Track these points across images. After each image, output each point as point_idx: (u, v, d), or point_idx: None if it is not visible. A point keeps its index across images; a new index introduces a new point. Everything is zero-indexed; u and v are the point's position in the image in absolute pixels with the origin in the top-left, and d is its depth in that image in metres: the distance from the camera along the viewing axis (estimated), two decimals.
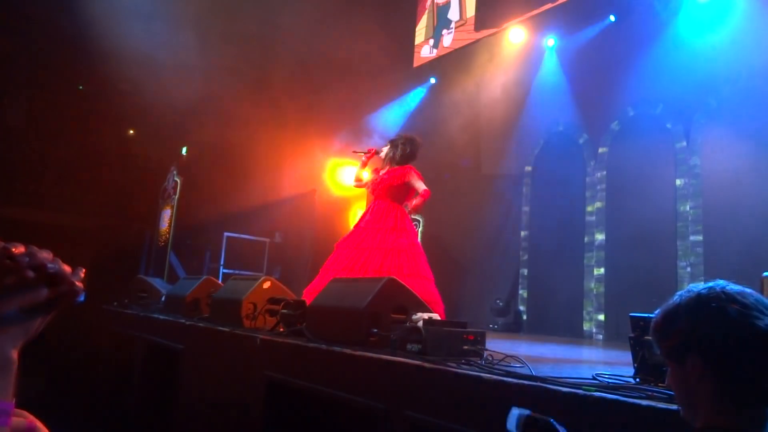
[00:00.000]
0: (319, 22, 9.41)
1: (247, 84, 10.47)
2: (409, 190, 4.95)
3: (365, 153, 5.20)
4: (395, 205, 4.93)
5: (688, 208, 6.35)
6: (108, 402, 5.38)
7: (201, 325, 4.11)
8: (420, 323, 2.66)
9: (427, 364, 2.26)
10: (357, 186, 5.31)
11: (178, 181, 8.90)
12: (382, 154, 5.13)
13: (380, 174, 5.05)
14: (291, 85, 11.60)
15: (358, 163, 5.29)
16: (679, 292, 1.20)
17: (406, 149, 5.02)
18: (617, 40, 7.15)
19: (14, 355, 0.69)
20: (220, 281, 5.30)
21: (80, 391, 6.02)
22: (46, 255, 0.72)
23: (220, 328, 3.80)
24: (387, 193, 4.93)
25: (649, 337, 1.97)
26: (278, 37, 10.28)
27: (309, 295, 4.53)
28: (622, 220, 7.00)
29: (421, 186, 4.85)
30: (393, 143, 5.12)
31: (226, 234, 9.95)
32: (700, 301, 1.13)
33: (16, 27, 12.80)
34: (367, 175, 5.29)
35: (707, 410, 1.10)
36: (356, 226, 4.99)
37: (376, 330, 2.83)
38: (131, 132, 17.03)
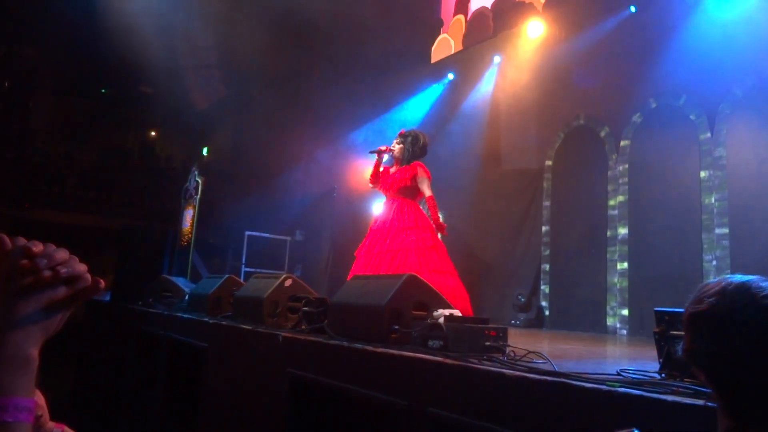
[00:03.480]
0: (339, 19, 9.42)
1: (266, 83, 10.54)
2: (418, 187, 5.02)
3: (378, 152, 5.19)
4: (409, 202, 4.99)
5: (713, 200, 6.24)
6: (134, 400, 5.46)
7: (224, 323, 4.15)
8: (441, 319, 2.66)
9: (449, 361, 2.26)
10: (374, 187, 5.31)
11: (200, 181, 8.99)
12: (396, 152, 5.15)
13: (390, 173, 5.09)
14: (311, 83, 11.65)
15: (372, 164, 5.27)
16: (713, 289, 1.12)
17: (413, 146, 5.07)
18: (638, 30, 7.05)
19: (35, 353, 0.70)
20: (242, 280, 5.34)
21: (107, 390, 6.13)
22: (62, 254, 0.73)
23: (243, 326, 3.83)
24: (399, 192, 4.99)
25: (675, 332, 1.95)
26: (296, 35, 10.31)
27: None
28: (645, 213, 6.91)
29: (426, 190, 4.95)
30: (403, 138, 5.15)
31: (247, 233, 10.03)
32: (713, 321, 1.08)
33: (41, 36, 13.06)
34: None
35: (721, 410, 1.08)
36: (374, 229, 5.00)
37: (397, 327, 2.83)
38: (153, 134, 17.29)
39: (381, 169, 5.26)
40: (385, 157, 5.27)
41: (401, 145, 5.14)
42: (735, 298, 1.06)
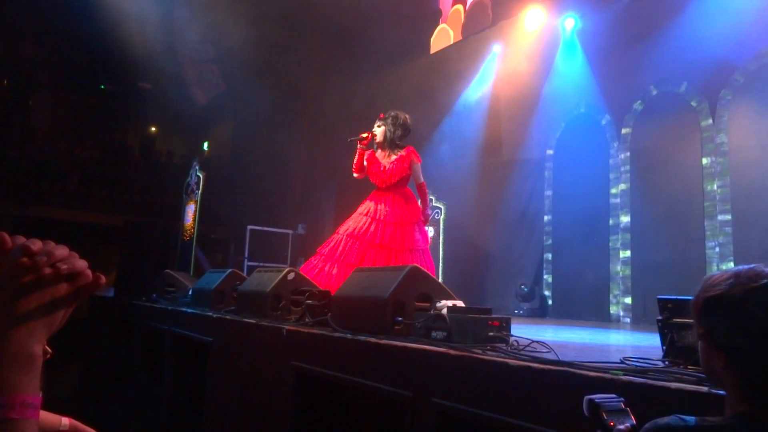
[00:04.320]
0: (338, 10, 9.37)
1: (265, 76, 10.51)
2: (412, 174, 4.97)
3: (360, 140, 5.01)
4: (404, 190, 4.94)
5: (715, 187, 6.23)
6: (140, 395, 5.49)
7: (228, 317, 4.16)
8: (444, 310, 2.66)
9: (452, 351, 2.26)
10: (359, 177, 5.09)
11: (201, 176, 8.98)
12: (378, 136, 5.00)
13: (386, 166, 4.93)
14: (310, 75, 11.62)
15: (356, 153, 5.05)
16: (723, 276, 1.15)
17: (394, 126, 4.93)
18: (638, 17, 7.01)
19: (38, 350, 0.71)
20: (245, 274, 5.35)
21: (113, 385, 6.16)
22: (62, 251, 0.74)
23: (247, 320, 3.84)
24: (398, 183, 4.89)
25: (678, 320, 1.95)
26: (294, 26, 10.26)
27: (308, 273, 4.55)
28: (647, 201, 6.90)
29: (419, 176, 4.91)
30: (383, 121, 4.99)
31: (249, 227, 10.03)
32: (733, 300, 1.10)
33: (39, 32, 13.04)
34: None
35: (733, 397, 1.09)
36: (374, 218, 4.84)
37: (400, 318, 2.83)
38: (153, 129, 17.27)
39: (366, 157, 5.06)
40: (372, 142, 5.08)
41: (383, 128, 4.97)
42: (751, 278, 1.09)
